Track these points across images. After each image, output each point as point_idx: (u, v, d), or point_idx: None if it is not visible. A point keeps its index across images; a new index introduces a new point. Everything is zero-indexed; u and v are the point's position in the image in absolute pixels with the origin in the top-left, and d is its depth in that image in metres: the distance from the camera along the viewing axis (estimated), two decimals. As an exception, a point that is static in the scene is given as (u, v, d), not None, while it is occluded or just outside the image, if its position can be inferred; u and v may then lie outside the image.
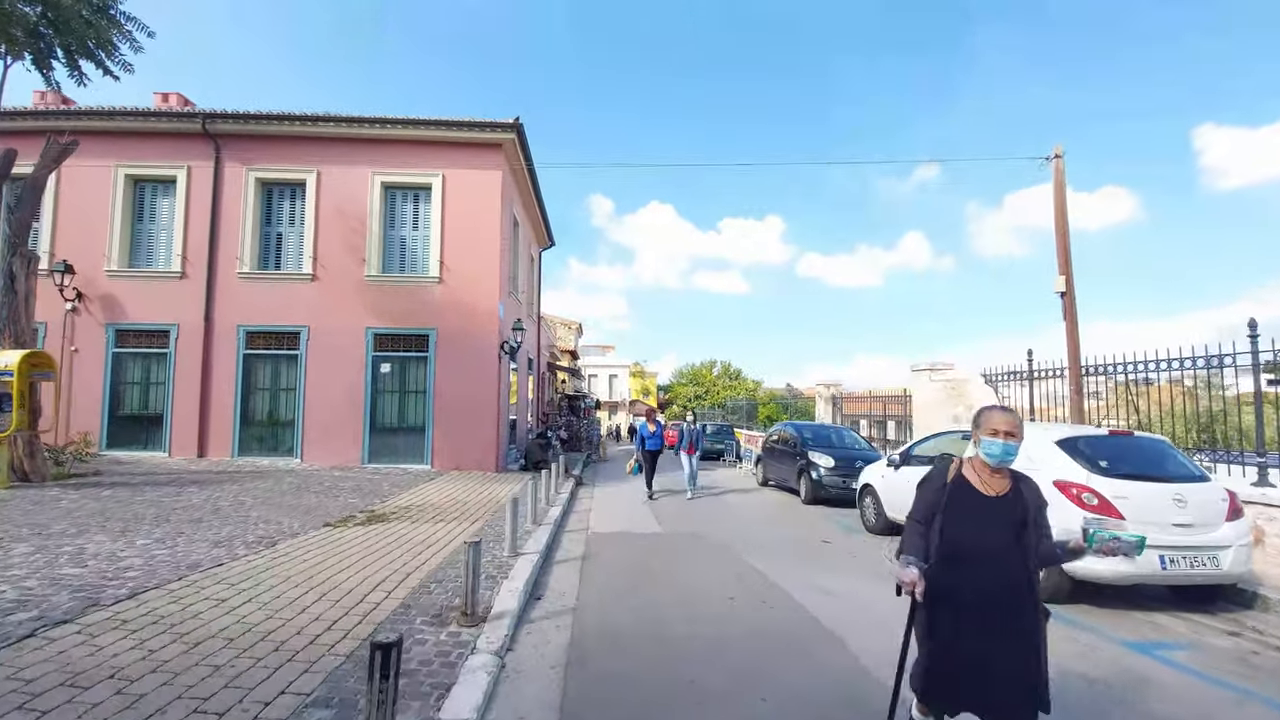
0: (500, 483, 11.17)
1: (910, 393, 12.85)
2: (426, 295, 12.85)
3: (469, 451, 12.58)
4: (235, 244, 12.85)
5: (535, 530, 7.01)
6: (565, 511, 9.02)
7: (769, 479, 12.31)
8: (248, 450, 12.62)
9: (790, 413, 21.28)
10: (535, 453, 14.24)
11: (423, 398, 12.73)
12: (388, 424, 12.77)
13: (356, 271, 12.81)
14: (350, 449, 12.48)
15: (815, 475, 9.93)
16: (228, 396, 12.61)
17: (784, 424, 12.52)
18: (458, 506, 8.50)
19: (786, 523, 8.59)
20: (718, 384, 51.45)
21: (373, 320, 12.76)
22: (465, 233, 12.97)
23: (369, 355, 12.70)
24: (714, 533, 7.75)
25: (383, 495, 9.15)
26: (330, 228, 12.92)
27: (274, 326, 12.77)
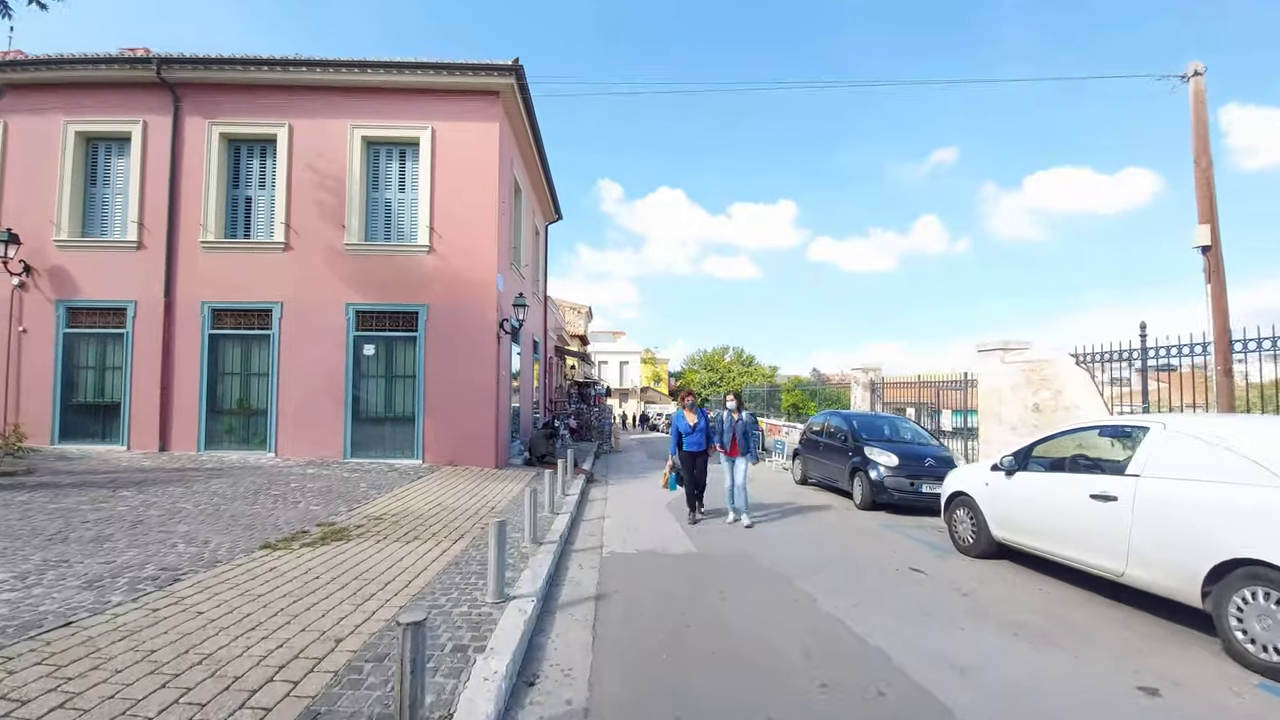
0: (499, 481, 9.60)
1: (974, 377, 11.07)
2: (415, 266, 11.22)
3: (465, 444, 11.02)
4: (198, 209, 11.27)
5: (534, 554, 5.40)
6: (574, 520, 7.43)
7: (810, 477, 10.63)
8: (216, 443, 11.14)
9: (819, 400, 19.54)
10: (541, 445, 12.66)
11: (412, 383, 11.16)
12: (373, 413, 11.22)
13: (335, 239, 11.20)
14: (330, 441, 10.96)
15: (874, 475, 8.23)
16: (192, 383, 11.11)
17: (827, 413, 10.82)
18: (442, 516, 6.91)
19: (850, 537, 6.90)
20: (732, 370, 49.64)
21: (354, 295, 11.17)
22: (458, 194, 11.29)
23: (350, 335, 11.12)
24: (763, 552, 6.10)
25: (354, 500, 7.59)
26: (305, 190, 11.29)
27: (243, 303, 11.21)
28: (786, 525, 7.56)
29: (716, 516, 7.96)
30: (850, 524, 7.64)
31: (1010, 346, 10.01)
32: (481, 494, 8.44)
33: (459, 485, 9.06)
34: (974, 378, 11.12)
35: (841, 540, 6.70)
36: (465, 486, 8.98)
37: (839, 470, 9.29)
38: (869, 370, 15.61)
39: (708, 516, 7.92)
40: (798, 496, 9.77)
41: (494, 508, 7.49)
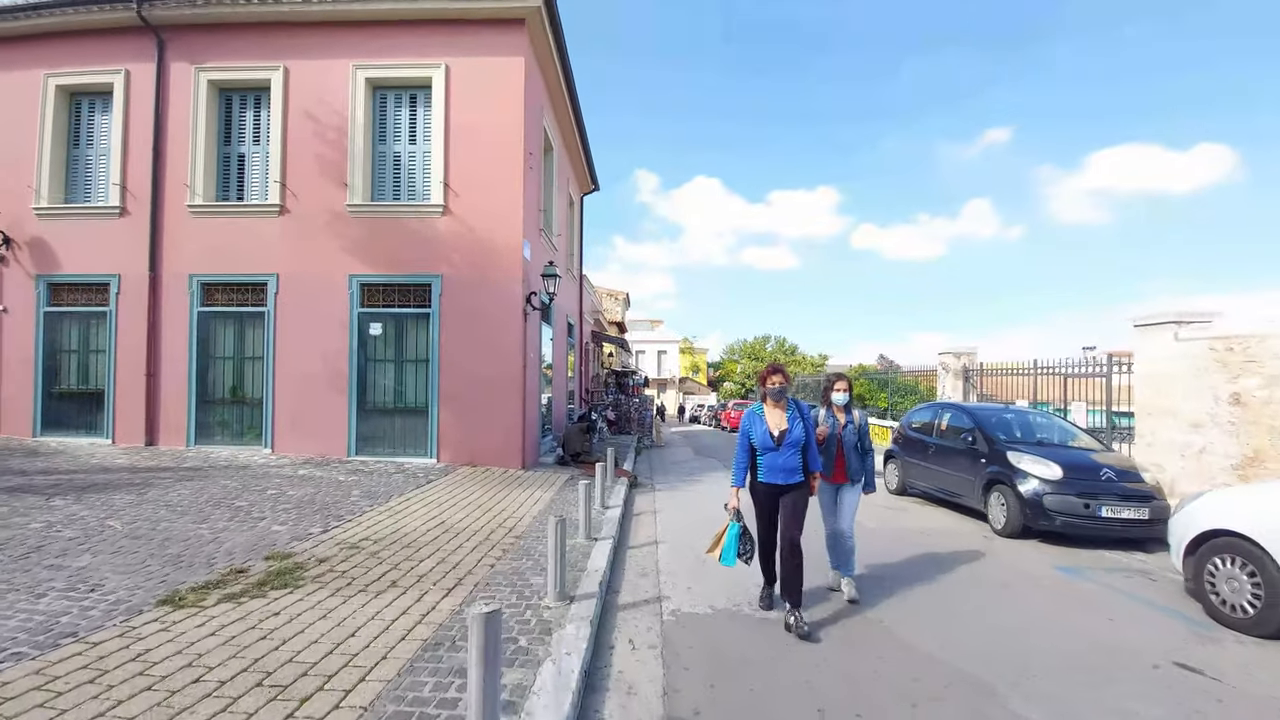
0: (524, 487, 7.80)
1: (1126, 361, 8.65)
2: (427, 230, 9.49)
3: (486, 440, 9.28)
4: (184, 168, 9.81)
5: (562, 623, 3.51)
6: (618, 545, 5.53)
7: (911, 486, 8.43)
8: (207, 436, 9.71)
9: (891, 391, 17.15)
10: (575, 442, 10.84)
11: (425, 369, 9.46)
12: (380, 404, 9.59)
13: (336, 200, 9.56)
14: (333, 436, 9.38)
15: (1027, 491, 6.03)
16: (180, 368, 9.70)
17: (938, 406, 8.55)
18: (440, 544, 5.11)
19: (1027, 594, 4.59)
20: (780, 359, 46.99)
21: (358, 265, 9.52)
22: (477, 144, 9.49)
23: (354, 312, 9.49)
24: (906, 620, 4.05)
25: (336, 515, 5.88)
26: (302, 143, 9.68)
27: (235, 276, 9.71)
28: (917, 568, 5.36)
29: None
30: (1009, 565, 5.42)
31: (1188, 319, 7.59)
32: (500, 507, 6.63)
33: (474, 493, 7.29)
34: (1123, 360, 8.70)
35: (1018, 601, 4.48)
36: (481, 495, 7.20)
37: (963, 481, 7.10)
38: (961, 355, 13.20)
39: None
40: (902, 514, 7.62)
41: (512, 529, 5.66)
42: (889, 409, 17.21)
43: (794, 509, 3.97)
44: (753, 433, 4.05)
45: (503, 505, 6.72)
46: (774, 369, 4.09)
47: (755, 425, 4.05)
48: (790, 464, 3.97)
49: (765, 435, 3.98)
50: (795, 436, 3.97)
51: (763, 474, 4.03)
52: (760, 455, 4.04)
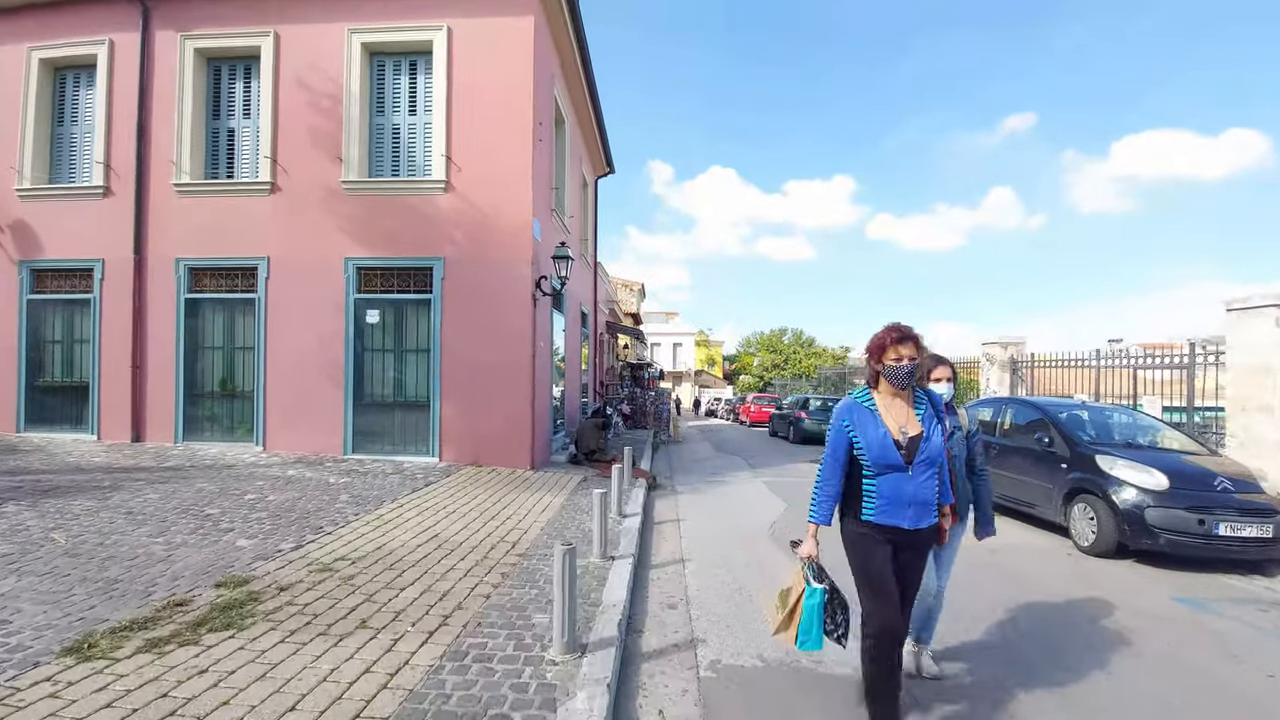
0: (532, 490, 7.01)
1: (1209, 346, 7.61)
2: (428, 208, 8.70)
3: (492, 438, 8.50)
4: (170, 145, 9.11)
5: (576, 678, 2.68)
6: (638, 563, 4.70)
7: None
8: (196, 432, 9.07)
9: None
10: (590, 438, 10.04)
11: (426, 359, 8.70)
12: (378, 397, 8.85)
13: (330, 176, 8.80)
14: (328, 433, 8.67)
15: (1124, 503, 5.07)
16: (167, 359, 9.05)
17: (1001, 400, 7.54)
18: (429, 566, 4.32)
19: (1153, 636, 3.65)
20: (799, 352, 45.83)
21: (354, 247, 8.77)
22: (482, 113, 8.66)
23: (350, 298, 8.75)
24: (1028, 709, 3.16)
25: (315, 526, 5.13)
26: (294, 115, 8.93)
27: (224, 260, 9.02)
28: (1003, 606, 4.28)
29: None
30: (1115, 598, 4.36)
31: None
32: (503, 515, 5.84)
33: (475, 498, 6.51)
34: (1210, 347, 7.66)
35: (1150, 653, 3.49)
36: (484, 500, 6.41)
37: (1036, 488, 6.15)
38: (1009, 344, 12.13)
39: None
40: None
41: (515, 545, 4.85)
42: (922, 403, 16.18)
43: (917, 570, 2.56)
44: (861, 438, 2.41)
45: (507, 513, 5.93)
46: (900, 333, 2.44)
47: (865, 426, 2.42)
48: (924, 493, 2.38)
49: (886, 444, 2.37)
50: (934, 448, 2.40)
51: (878, 508, 2.39)
52: (874, 477, 2.40)
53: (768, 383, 41.86)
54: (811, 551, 2.55)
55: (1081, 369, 10.09)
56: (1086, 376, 10.11)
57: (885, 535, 2.42)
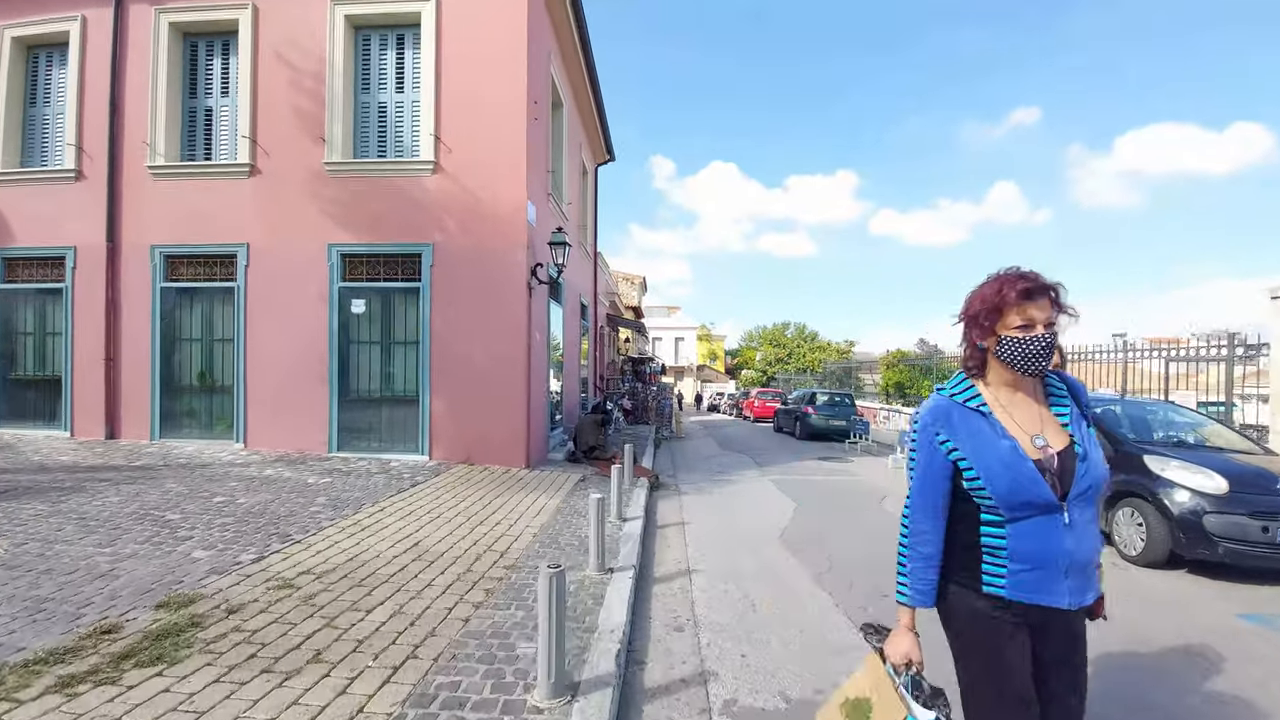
0: (526, 491, 6.53)
1: (1247, 338, 7.11)
2: (416, 191, 8.20)
3: (485, 434, 8.03)
4: (145, 125, 8.61)
5: (558, 738, 2.21)
6: (639, 576, 4.23)
7: None
8: (174, 429, 8.61)
9: (935, 378, 15.60)
10: (589, 434, 9.56)
11: (414, 352, 8.22)
12: (365, 392, 8.38)
13: (313, 158, 8.30)
14: (311, 429, 8.21)
15: (1181, 509, 4.56)
16: (142, 351, 8.58)
17: None
18: (406, 578, 3.85)
19: (1225, 659, 3.16)
20: (802, 346, 45.30)
21: (338, 233, 8.28)
22: (474, 91, 8.15)
23: (334, 287, 8.26)
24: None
25: (282, 534, 4.66)
26: (275, 93, 8.43)
27: (201, 247, 8.53)
28: None
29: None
30: (1176, 613, 3.88)
31: (1356, 287, 6.03)
32: (494, 519, 5.37)
33: (464, 500, 6.04)
34: (1248, 339, 7.15)
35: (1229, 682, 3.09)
36: (472, 503, 5.95)
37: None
38: (1026, 337, 11.60)
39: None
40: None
41: (503, 555, 4.38)
42: (933, 398, 15.68)
43: (1080, 674, 1.56)
44: (972, 459, 1.48)
45: (498, 517, 5.46)
46: (1027, 283, 1.46)
47: (977, 438, 1.49)
48: (1086, 549, 1.46)
49: (1020, 467, 1.43)
50: (1096, 471, 1.46)
51: (1013, 576, 1.45)
52: (1002, 524, 1.46)
53: (771, 377, 41.35)
54: (912, 654, 1.53)
55: (1106, 363, 9.58)
56: (1110, 371, 9.61)
57: (1023, 619, 1.47)
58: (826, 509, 7.03)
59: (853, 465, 10.81)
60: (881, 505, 7.28)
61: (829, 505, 7.25)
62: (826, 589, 4.25)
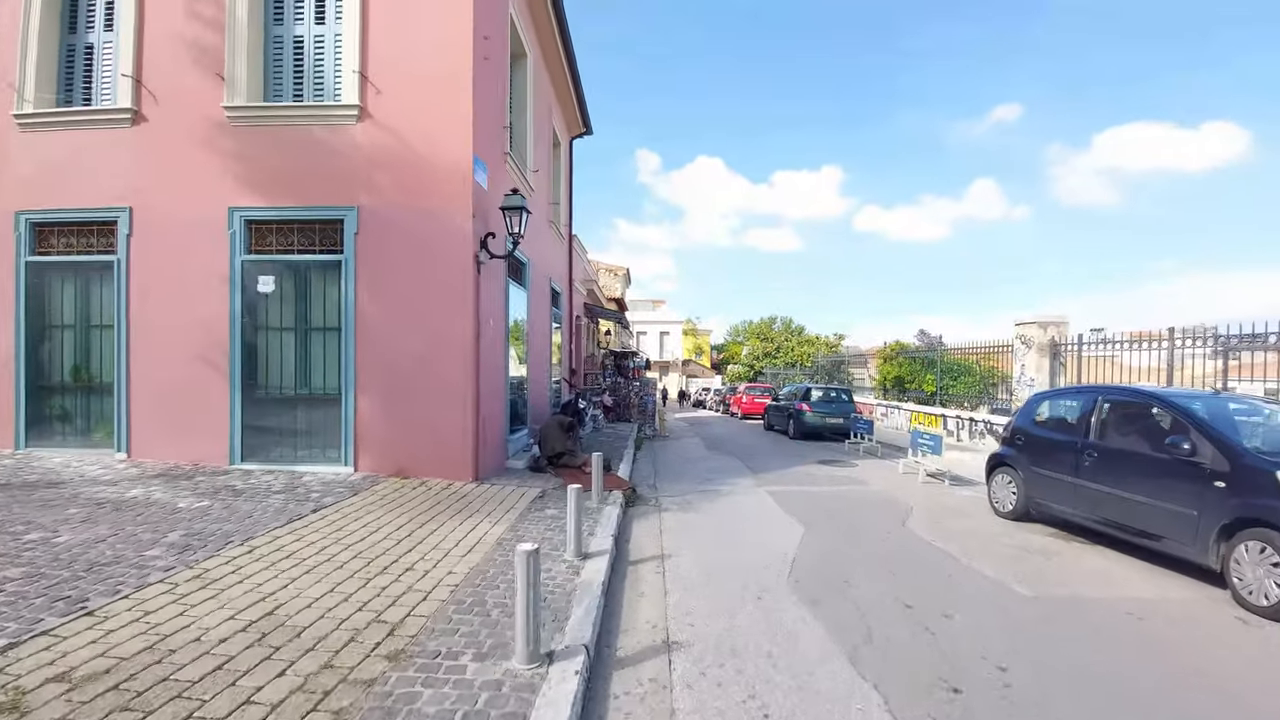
0: (466, 514, 5.11)
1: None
2: (340, 143, 6.71)
3: (424, 440, 6.59)
4: (12, 64, 7.01)
5: None
6: (597, 658, 2.85)
7: (1040, 506, 5.62)
8: (44, 436, 7.04)
9: (939, 372, 14.41)
10: (555, 439, 8.15)
11: (337, 340, 6.74)
12: (275, 390, 6.87)
13: (210, 102, 6.76)
14: (209, 436, 6.70)
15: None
16: (4, 341, 7.00)
17: (1096, 389, 5.58)
18: (215, 687, 2.41)
19: None
20: (790, 339, 44.20)
21: (243, 194, 6.76)
22: (409, 21, 6.67)
23: (236, 260, 6.75)
24: None
25: (80, 596, 3.19)
26: (165, 22, 6.87)
27: (75, 213, 6.96)
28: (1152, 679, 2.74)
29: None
30: None
31: None
32: (404, 563, 3.95)
33: (376, 532, 4.60)
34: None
35: None
36: (385, 535, 4.51)
37: (1167, 515, 4.35)
38: (1048, 325, 10.41)
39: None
40: (1052, 563, 4.92)
41: (395, 628, 2.96)
42: (937, 393, 14.50)
43: None
44: None
45: (412, 558, 4.04)
46: None
47: None
48: None
49: None
50: None
51: None
52: None
53: (758, 372, 40.19)
54: None
55: (1149, 350, 8.37)
56: (1146, 359, 8.42)
57: None
58: (841, 532, 5.70)
59: (858, 471, 9.53)
60: (906, 526, 5.96)
61: (843, 527, 5.92)
62: (870, 677, 2.90)
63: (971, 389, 13.76)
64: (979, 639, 3.35)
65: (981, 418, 12.15)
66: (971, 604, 3.89)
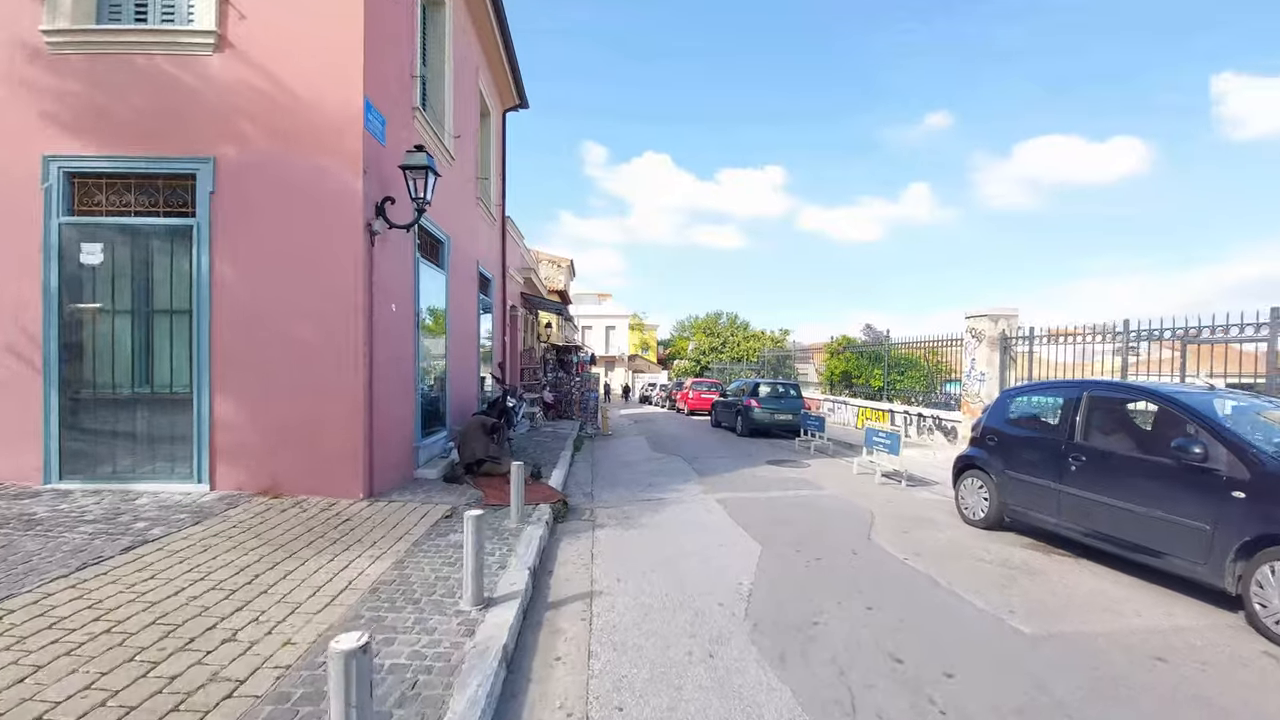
0: (339, 548, 3.99)
1: None
2: (191, 78, 5.36)
3: (303, 448, 5.37)
4: None
5: None
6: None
7: (1018, 515, 5.02)
8: None
9: (886, 366, 14.10)
10: (476, 444, 7.05)
11: (186, 325, 5.40)
12: (106, 387, 5.46)
13: (23, 22, 5.27)
14: (17, 447, 5.24)
15: None
16: None
17: (1073, 384, 5.03)
18: None
19: None
20: (736, 335, 44.12)
21: (63, 141, 5.30)
22: (283, -68, 5.38)
23: (53, 224, 5.30)
24: None
25: None
26: (-49, -85, 5.30)
27: None
28: None
29: None
30: None
31: None
32: (224, 630, 2.83)
33: (206, 579, 3.43)
34: None
35: None
36: (213, 586, 3.35)
37: (1176, 529, 3.78)
38: (999, 317, 10.11)
39: None
40: (1039, 583, 4.30)
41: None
42: (884, 388, 14.21)
43: None
44: None
45: (239, 620, 2.92)
46: None
47: None
48: None
49: None
50: None
51: None
52: None
53: (704, 367, 39.88)
54: None
55: (1096, 345, 8.10)
56: (1099, 356, 8.17)
57: None
58: (802, 550, 4.93)
59: (812, 472, 8.89)
60: (872, 540, 5.26)
61: (803, 542, 5.16)
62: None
63: (918, 384, 13.53)
64: (995, 711, 2.59)
65: (930, 413, 11.87)
66: (972, 653, 3.15)
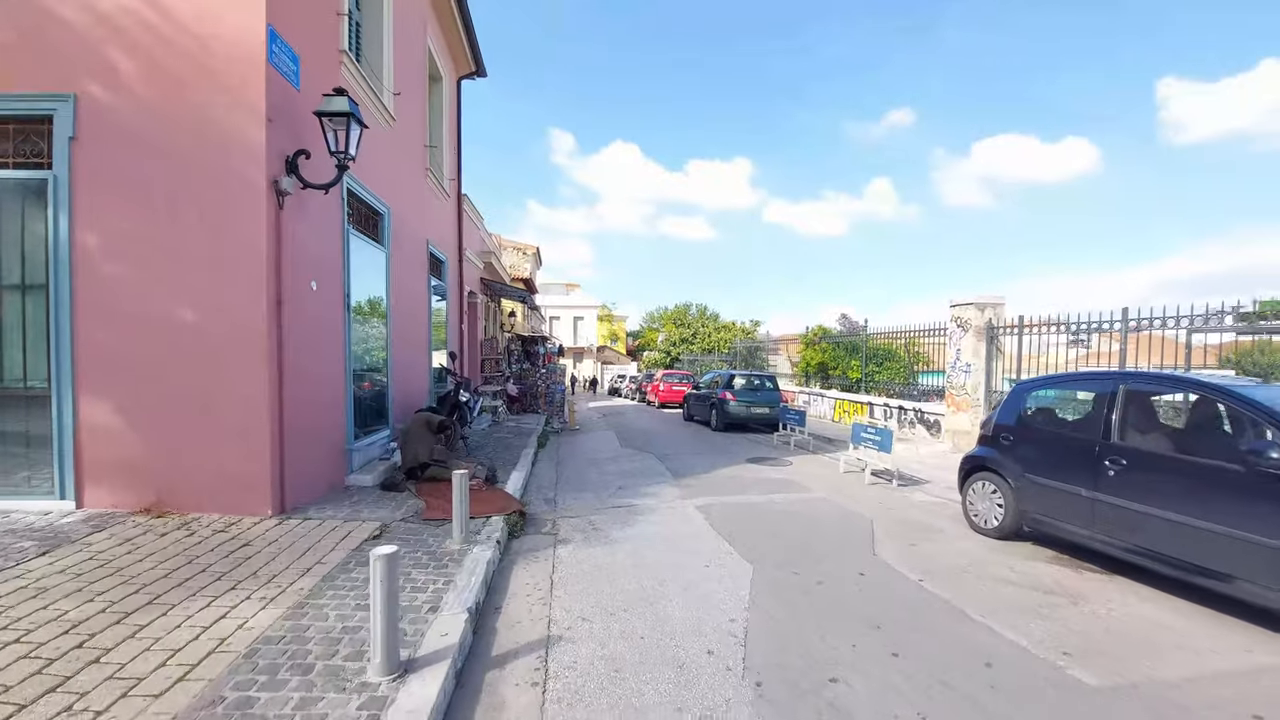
0: (224, 588, 3.07)
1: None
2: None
3: (197, 456, 4.39)
4: None
5: None
6: None
7: (1041, 523, 4.37)
8: None
9: (864, 357, 13.61)
10: (421, 443, 6.13)
11: (41, 305, 4.34)
12: (-57, 382, 4.37)
13: None
14: None
15: None
16: None
17: (1105, 375, 4.42)
18: None
19: None
20: (708, 326, 43.60)
21: None
22: None
23: None
24: None
25: None
26: None
27: None
28: None
29: None
30: None
31: None
32: (-9, 743, 1.91)
33: (29, 636, 2.49)
34: None
35: None
36: (31, 652, 2.41)
37: (1246, 549, 3.19)
38: (985, 306, 9.62)
39: None
40: (1079, 609, 3.67)
41: None
42: (862, 380, 13.74)
43: None
44: None
45: (49, 708, 2.01)
46: None
47: None
48: None
49: None
50: None
51: None
52: None
53: (675, 358, 39.25)
54: None
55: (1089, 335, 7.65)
56: (1089, 346, 7.73)
57: None
58: (800, 572, 4.21)
59: (795, 471, 8.23)
60: (878, 556, 4.58)
61: (800, 561, 4.44)
62: None
63: (897, 376, 13.10)
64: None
65: (912, 405, 11.40)
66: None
